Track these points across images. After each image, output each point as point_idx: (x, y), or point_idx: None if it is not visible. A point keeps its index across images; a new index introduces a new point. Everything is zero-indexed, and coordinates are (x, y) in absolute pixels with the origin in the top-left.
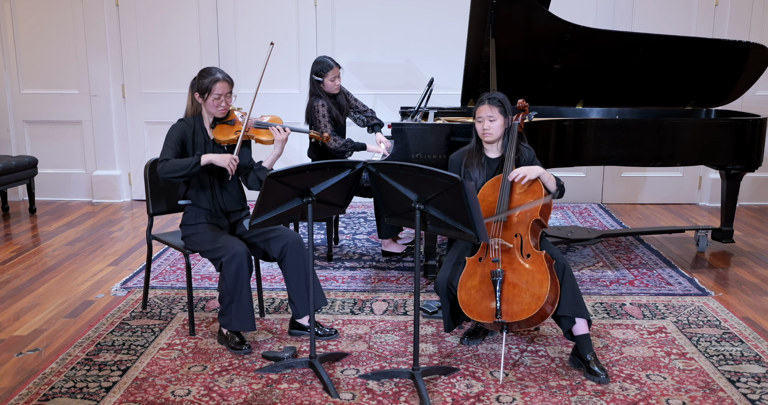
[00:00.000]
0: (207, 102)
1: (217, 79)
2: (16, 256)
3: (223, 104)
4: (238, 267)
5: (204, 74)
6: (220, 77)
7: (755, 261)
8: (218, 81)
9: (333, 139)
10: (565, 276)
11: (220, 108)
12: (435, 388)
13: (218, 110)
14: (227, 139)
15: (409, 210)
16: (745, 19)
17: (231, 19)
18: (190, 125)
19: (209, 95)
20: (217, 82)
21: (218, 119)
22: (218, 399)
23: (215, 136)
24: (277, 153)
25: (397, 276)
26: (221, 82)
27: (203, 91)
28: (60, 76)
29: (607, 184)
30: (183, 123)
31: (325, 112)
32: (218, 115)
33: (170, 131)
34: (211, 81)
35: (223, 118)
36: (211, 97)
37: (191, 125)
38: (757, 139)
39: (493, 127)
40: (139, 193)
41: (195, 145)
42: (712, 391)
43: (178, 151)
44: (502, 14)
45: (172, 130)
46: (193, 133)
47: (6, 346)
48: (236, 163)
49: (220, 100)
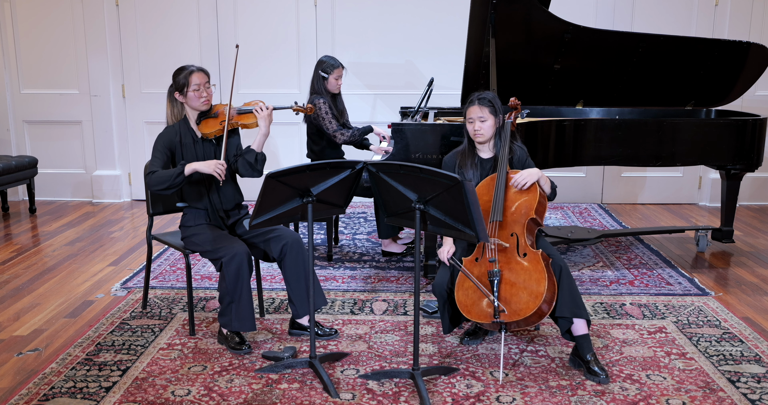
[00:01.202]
0: (188, 96)
1: (192, 71)
2: (16, 256)
3: (205, 94)
4: (238, 267)
5: (177, 72)
6: (195, 69)
7: (755, 261)
8: (193, 72)
9: (340, 133)
10: (562, 277)
11: (203, 99)
12: (435, 388)
13: (201, 102)
14: (214, 131)
15: (409, 210)
16: (745, 19)
17: (231, 19)
18: (176, 130)
19: (188, 88)
20: (192, 74)
21: (203, 114)
22: (218, 399)
23: (202, 131)
24: (264, 132)
25: (397, 276)
26: (196, 73)
27: (181, 87)
28: (60, 76)
29: (607, 184)
30: (168, 129)
31: (327, 109)
32: (202, 108)
33: (156, 140)
34: (186, 74)
35: (207, 112)
36: (191, 90)
37: (177, 130)
38: (757, 139)
39: (484, 128)
40: (139, 193)
41: (184, 147)
42: (712, 391)
43: (167, 159)
44: (502, 14)
45: (158, 139)
46: (180, 136)
47: (6, 346)
48: (224, 168)
49: (200, 91)
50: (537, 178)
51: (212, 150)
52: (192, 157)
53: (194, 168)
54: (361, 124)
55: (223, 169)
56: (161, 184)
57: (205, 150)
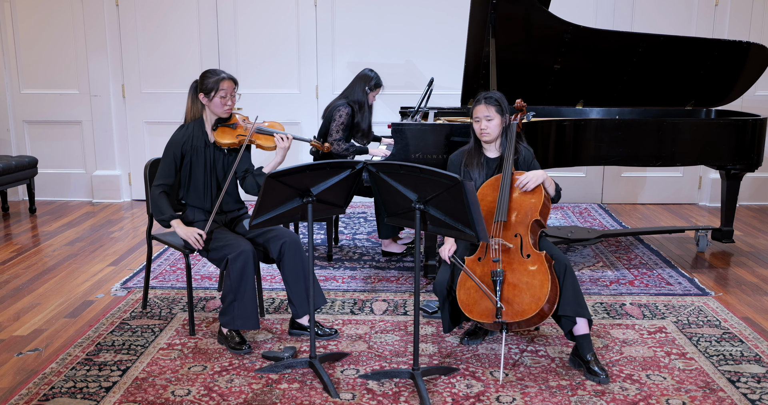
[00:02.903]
0: (213, 101)
1: (223, 78)
2: (16, 256)
3: (229, 103)
4: (243, 265)
5: (208, 75)
6: (225, 76)
7: (755, 261)
8: (224, 79)
9: (338, 143)
10: (566, 276)
11: (226, 107)
12: (435, 388)
13: (224, 109)
14: (228, 143)
15: (409, 210)
16: (745, 19)
17: (231, 19)
18: (189, 132)
19: (215, 94)
20: (224, 81)
21: (220, 121)
22: (218, 399)
23: (216, 139)
24: (279, 160)
25: (397, 276)
26: (227, 81)
27: (209, 90)
28: (60, 76)
29: (607, 184)
30: (180, 132)
31: (343, 120)
32: (223, 115)
33: (167, 147)
34: (216, 80)
35: (225, 120)
36: (218, 96)
37: (190, 132)
38: (757, 139)
39: (491, 127)
40: (139, 193)
41: (194, 150)
42: (712, 391)
43: (173, 171)
44: (502, 14)
45: (168, 145)
46: (192, 139)
47: (6, 346)
48: (202, 239)
49: (226, 99)
50: (542, 180)
51: (221, 158)
52: (200, 161)
53: (176, 229)
54: None
55: (202, 240)
56: (154, 210)
57: (215, 157)
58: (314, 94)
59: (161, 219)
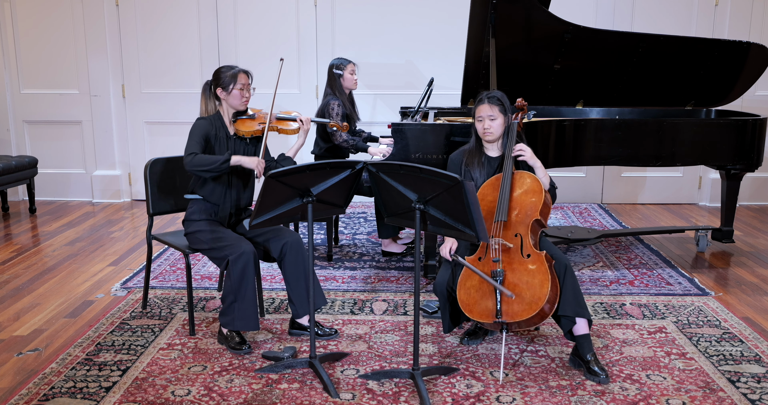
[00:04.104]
0: (232, 94)
1: (239, 71)
2: (16, 256)
3: (247, 95)
4: (244, 266)
5: (224, 69)
6: (241, 69)
7: (755, 261)
8: (240, 72)
9: (339, 134)
10: (566, 276)
11: (244, 99)
12: (435, 388)
13: (242, 101)
14: (250, 131)
15: (409, 210)
16: (745, 19)
17: (231, 19)
18: (211, 122)
19: (234, 86)
20: (240, 73)
21: (238, 114)
22: (218, 399)
23: (238, 128)
24: (301, 143)
25: (397, 276)
26: (242, 73)
27: (227, 84)
28: (60, 76)
29: (607, 184)
30: (204, 120)
31: (339, 111)
32: (241, 108)
33: (193, 128)
34: (233, 73)
35: (242, 112)
36: (236, 88)
37: (212, 122)
38: (757, 139)
39: (494, 126)
40: (139, 193)
41: (218, 140)
42: (712, 391)
43: (203, 147)
44: (502, 14)
45: (195, 126)
46: (215, 129)
47: (6, 346)
48: (263, 166)
49: (243, 91)
50: (539, 164)
51: (243, 148)
52: (224, 151)
53: (239, 161)
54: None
55: (263, 167)
56: (203, 166)
57: (237, 147)
58: (314, 94)
59: (220, 163)
